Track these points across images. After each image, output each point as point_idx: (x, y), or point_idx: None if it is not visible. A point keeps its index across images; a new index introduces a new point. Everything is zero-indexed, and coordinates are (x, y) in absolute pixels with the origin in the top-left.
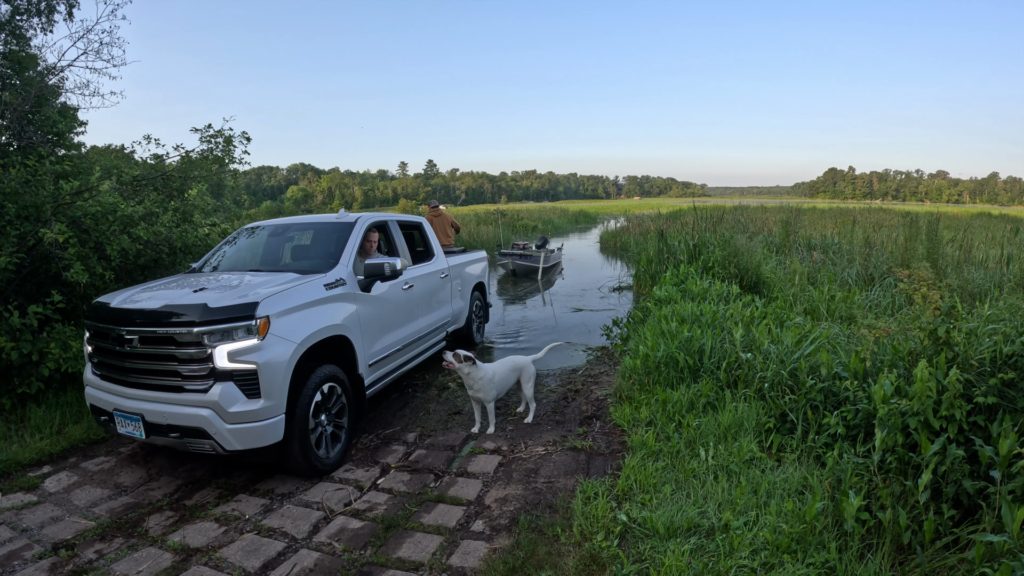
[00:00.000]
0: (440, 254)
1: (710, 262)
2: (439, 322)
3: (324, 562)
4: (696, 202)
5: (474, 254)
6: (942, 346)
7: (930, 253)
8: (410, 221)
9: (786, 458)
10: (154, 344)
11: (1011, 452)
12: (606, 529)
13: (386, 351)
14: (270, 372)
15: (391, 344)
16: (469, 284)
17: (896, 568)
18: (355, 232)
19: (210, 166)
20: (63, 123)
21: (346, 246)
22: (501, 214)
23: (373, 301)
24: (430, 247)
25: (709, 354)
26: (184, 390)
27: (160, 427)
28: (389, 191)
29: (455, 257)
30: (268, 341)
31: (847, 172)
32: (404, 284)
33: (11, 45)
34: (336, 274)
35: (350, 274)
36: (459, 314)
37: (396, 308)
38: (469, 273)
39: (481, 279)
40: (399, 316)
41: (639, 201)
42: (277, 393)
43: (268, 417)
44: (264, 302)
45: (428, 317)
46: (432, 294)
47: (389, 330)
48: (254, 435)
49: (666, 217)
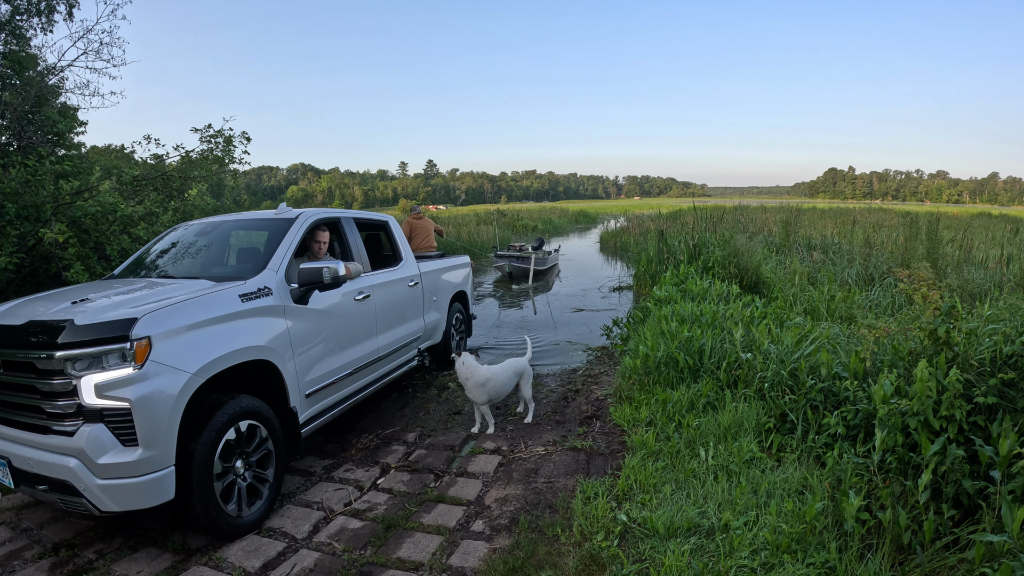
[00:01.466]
0: (410, 259)
1: (710, 262)
2: (407, 338)
3: (324, 562)
4: (696, 202)
5: (454, 259)
6: (942, 346)
7: (930, 253)
8: (372, 220)
9: (786, 458)
10: (15, 371)
11: (1011, 452)
12: (606, 529)
13: (332, 377)
14: (149, 412)
15: (339, 368)
16: (447, 294)
17: (896, 568)
18: (293, 231)
19: (210, 166)
20: (63, 123)
21: (278, 248)
22: (500, 214)
23: (312, 316)
24: (398, 251)
25: (709, 354)
26: (50, 431)
27: (28, 475)
28: (389, 191)
29: (430, 263)
30: (149, 370)
31: (847, 172)
32: (358, 294)
33: (11, 45)
34: (259, 282)
35: (281, 283)
36: (434, 328)
37: (346, 323)
38: (447, 281)
39: (462, 288)
40: (350, 333)
41: (639, 201)
42: (162, 440)
43: (150, 471)
44: (144, 319)
45: (392, 332)
46: (398, 305)
47: (336, 350)
48: (133, 494)
49: (666, 217)
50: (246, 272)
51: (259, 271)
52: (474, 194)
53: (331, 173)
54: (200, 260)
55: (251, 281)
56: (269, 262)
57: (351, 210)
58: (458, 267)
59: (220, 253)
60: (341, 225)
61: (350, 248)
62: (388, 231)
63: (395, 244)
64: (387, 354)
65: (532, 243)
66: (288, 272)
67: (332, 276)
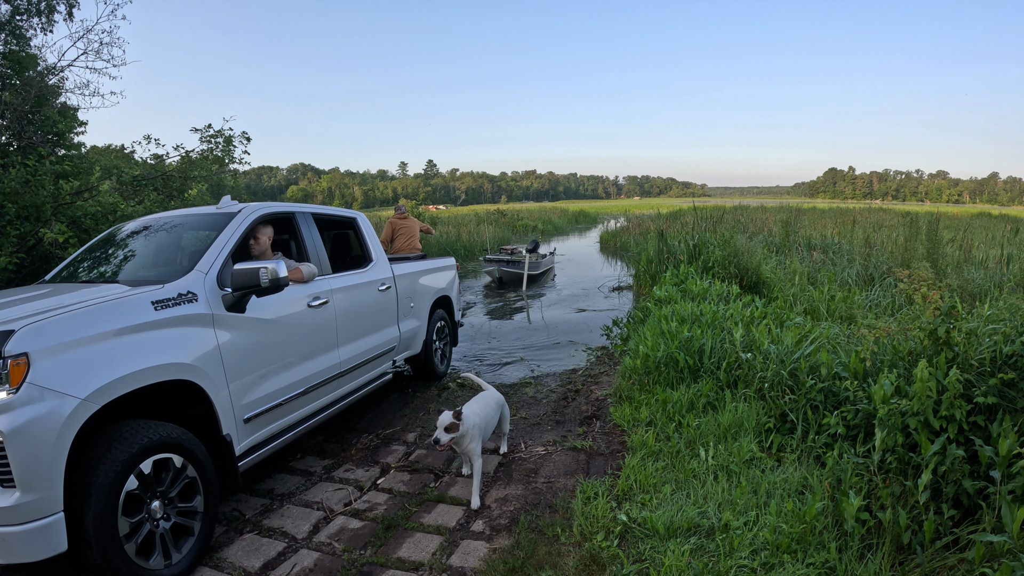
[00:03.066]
0: (382, 260)
1: (710, 262)
2: (378, 349)
3: (324, 562)
4: (696, 202)
5: (436, 261)
6: (942, 346)
7: (930, 253)
8: (336, 217)
9: (786, 458)
10: None
11: (1011, 452)
12: (606, 529)
13: (279, 397)
14: (27, 446)
15: (289, 386)
16: (427, 299)
17: (896, 568)
18: (232, 228)
19: (210, 166)
20: (63, 123)
21: (211, 247)
22: (500, 214)
23: (251, 326)
24: (368, 251)
25: (709, 354)
26: None
27: None
28: (389, 191)
29: (406, 264)
30: (26, 394)
31: (847, 172)
32: (313, 299)
33: (11, 45)
34: (181, 286)
35: (212, 287)
36: (412, 337)
37: (297, 334)
38: (427, 285)
39: (446, 292)
40: (303, 345)
41: (639, 201)
42: (44, 480)
43: (32, 519)
44: (22, 332)
45: (358, 343)
46: (365, 312)
47: (284, 366)
48: (14, 545)
49: (666, 217)
50: (171, 275)
51: (185, 273)
52: (474, 194)
53: (331, 173)
54: (127, 262)
55: (170, 286)
56: (199, 263)
57: (311, 204)
58: (441, 269)
59: (151, 254)
60: (296, 221)
61: (306, 247)
62: (356, 229)
63: (364, 244)
64: (352, 368)
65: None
66: (223, 274)
67: (271, 279)
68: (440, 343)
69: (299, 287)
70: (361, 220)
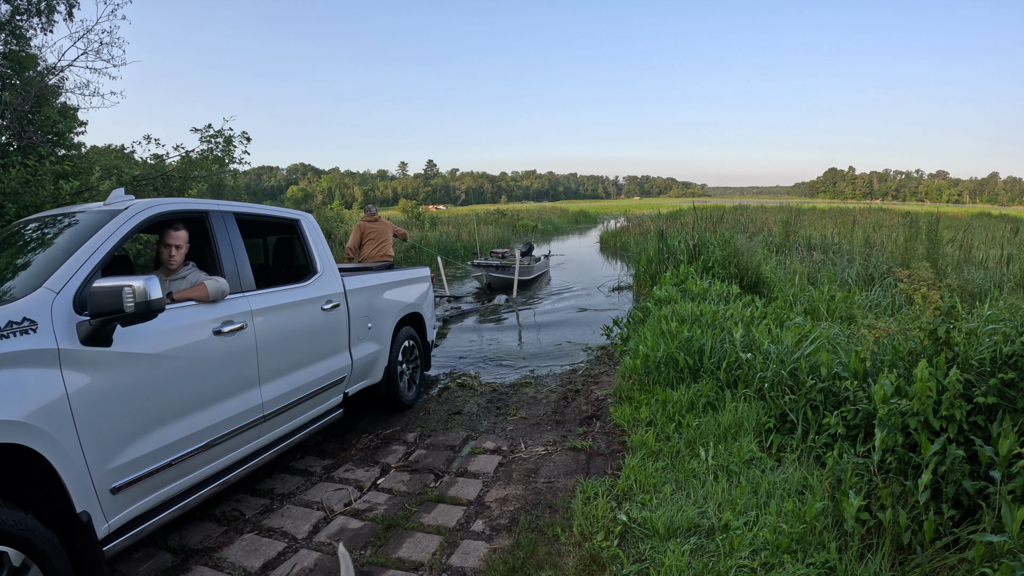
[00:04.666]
0: (330, 272)
1: (710, 262)
2: (320, 383)
3: (324, 562)
4: (696, 202)
5: (404, 272)
6: (942, 346)
7: (930, 253)
8: (270, 218)
9: (786, 458)
10: None
11: (1011, 452)
12: (606, 529)
13: (167, 456)
14: None
15: (181, 441)
16: (391, 317)
17: (896, 568)
18: (108, 231)
19: (210, 166)
20: (63, 123)
21: (72, 257)
22: (500, 214)
23: (119, 364)
24: (312, 260)
25: (709, 354)
26: None
27: None
28: (389, 191)
29: (363, 277)
30: None
31: (847, 172)
32: (222, 324)
33: (11, 45)
34: (15, 311)
35: (64, 312)
36: (370, 364)
37: (194, 370)
38: (391, 300)
39: (416, 308)
40: (205, 384)
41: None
42: None
43: None
44: None
45: (290, 378)
46: (300, 337)
47: (174, 415)
48: None
49: (666, 217)
50: (8, 295)
51: (28, 292)
52: (474, 194)
53: (331, 173)
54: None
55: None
56: (49, 279)
57: (235, 202)
58: (410, 282)
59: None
60: (210, 223)
61: (220, 257)
62: (299, 232)
63: (308, 252)
64: (282, 410)
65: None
66: (86, 295)
67: (139, 300)
68: (408, 367)
69: (202, 309)
70: (306, 222)
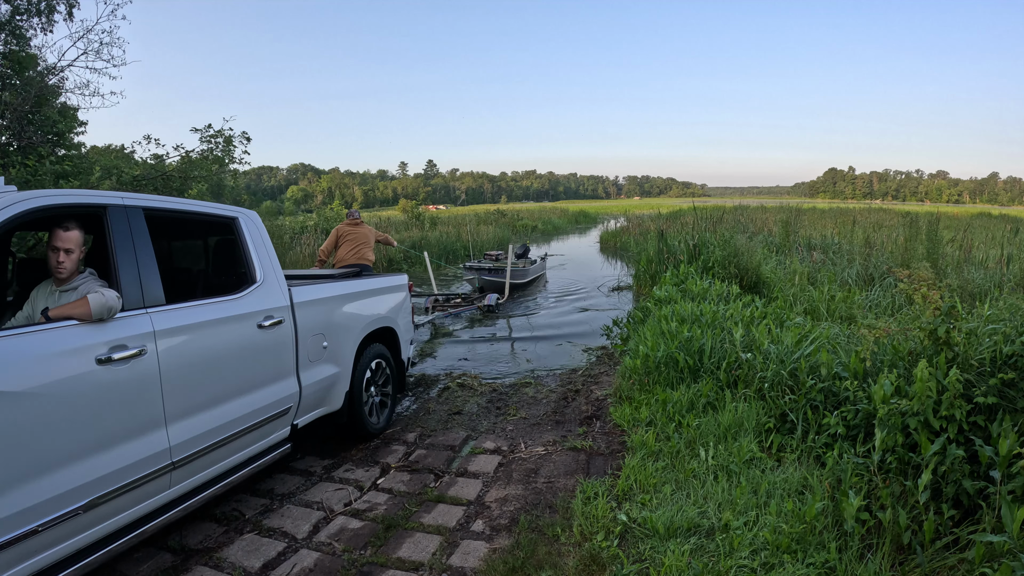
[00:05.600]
0: (272, 281)
1: (710, 262)
2: (254, 416)
3: (324, 562)
4: (696, 202)
5: (373, 280)
6: (942, 346)
7: (930, 253)
8: (195, 215)
9: (786, 458)
10: None
11: (1011, 452)
12: (606, 529)
13: (31, 523)
14: None
15: (51, 501)
16: (354, 333)
17: (896, 568)
18: None
19: (210, 166)
20: (63, 123)
21: None
22: (500, 214)
23: None
24: (251, 267)
25: (709, 354)
26: None
27: None
28: (389, 191)
29: (319, 287)
30: None
31: (847, 172)
32: (110, 349)
33: (11, 45)
34: None
35: None
36: (325, 389)
37: (66, 411)
38: (353, 314)
39: (387, 322)
40: (84, 427)
41: (639, 201)
42: None
43: None
44: None
45: (211, 414)
46: (225, 363)
47: (36, 469)
48: None
49: (666, 217)
50: None
51: None
52: (474, 194)
53: (331, 173)
54: None
55: None
56: None
57: (149, 196)
58: (380, 291)
59: None
60: (108, 220)
61: (116, 263)
62: (237, 234)
63: (247, 257)
64: (200, 452)
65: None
66: None
67: None
68: (376, 391)
69: (84, 331)
70: (245, 221)
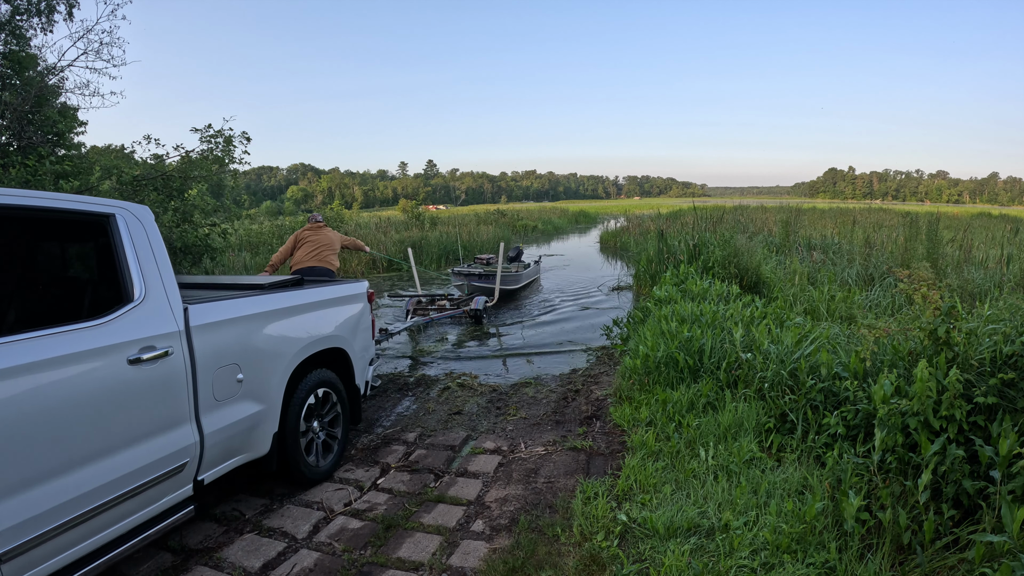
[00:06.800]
0: (159, 298)
1: (710, 262)
2: (125, 483)
3: (324, 562)
4: (696, 202)
5: (318, 291)
6: (942, 346)
7: (930, 253)
8: (50, 211)
9: (786, 458)
10: None
11: (1011, 452)
12: (606, 529)
13: None
14: None
15: None
16: (282, 360)
17: (896, 568)
18: None
19: (210, 166)
20: (63, 123)
21: None
22: (500, 214)
23: None
24: (127, 281)
25: (709, 354)
26: None
27: None
28: (389, 191)
29: (229, 303)
30: None
31: (847, 172)
32: None
33: (11, 45)
34: None
35: None
36: (243, 434)
37: None
38: (282, 336)
39: (336, 342)
40: None
41: (639, 201)
42: None
43: None
44: None
45: (49, 486)
46: (67, 415)
47: None
48: None
49: (666, 217)
50: None
51: None
52: (474, 194)
53: (331, 173)
54: None
55: None
56: None
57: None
58: (328, 304)
59: None
60: None
61: None
62: (113, 237)
63: (122, 266)
64: (36, 541)
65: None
66: None
67: None
68: (319, 427)
69: None
70: (125, 220)
